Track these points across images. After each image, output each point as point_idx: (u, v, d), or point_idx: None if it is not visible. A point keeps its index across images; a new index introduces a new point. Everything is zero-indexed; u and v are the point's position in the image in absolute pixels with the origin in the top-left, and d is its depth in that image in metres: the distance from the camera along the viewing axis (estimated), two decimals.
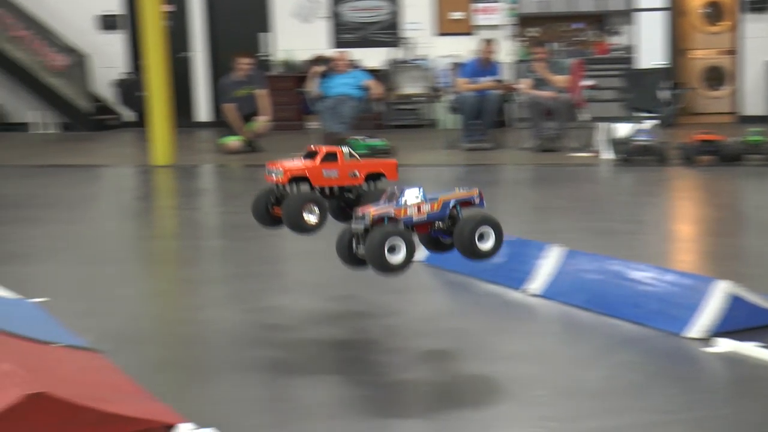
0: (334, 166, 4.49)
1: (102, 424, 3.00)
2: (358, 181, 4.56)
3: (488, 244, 4.07)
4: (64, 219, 8.11)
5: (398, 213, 4.02)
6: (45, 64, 16.11)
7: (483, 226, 4.05)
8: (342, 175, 4.52)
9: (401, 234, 3.94)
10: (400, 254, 3.93)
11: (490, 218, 4.07)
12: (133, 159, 12.44)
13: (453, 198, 4.13)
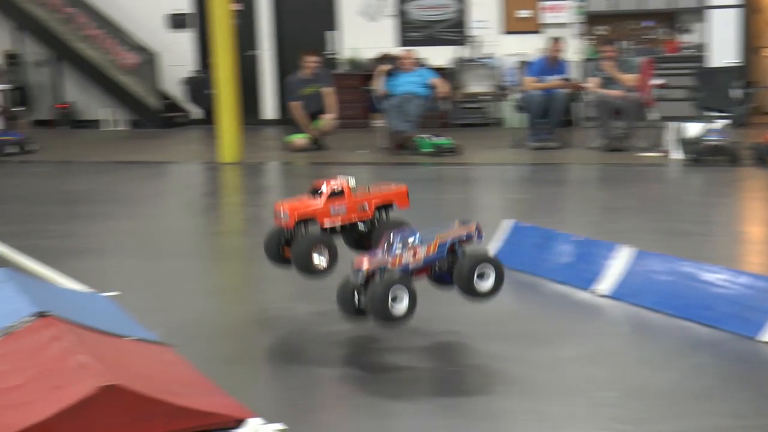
0: (341, 202, 4.44)
1: (173, 417, 3.03)
2: (368, 214, 4.50)
3: (488, 283, 4.03)
4: (133, 215, 8.24)
5: (393, 263, 3.93)
6: (116, 63, 16.38)
7: (482, 265, 4.00)
8: (350, 210, 4.46)
9: (403, 283, 3.87)
10: (403, 303, 3.87)
11: (489, 257, 4.03)
12: (200, 156, 12.58)
13: (449, 238, 4.04)
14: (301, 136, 12.37)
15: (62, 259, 6.05)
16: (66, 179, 11.15)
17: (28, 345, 3.52)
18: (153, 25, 16.47)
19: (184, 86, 16.31)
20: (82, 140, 15.00)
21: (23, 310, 3.85)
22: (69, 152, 13.18)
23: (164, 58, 16.36)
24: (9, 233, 6.78)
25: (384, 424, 3.38)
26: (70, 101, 17.06)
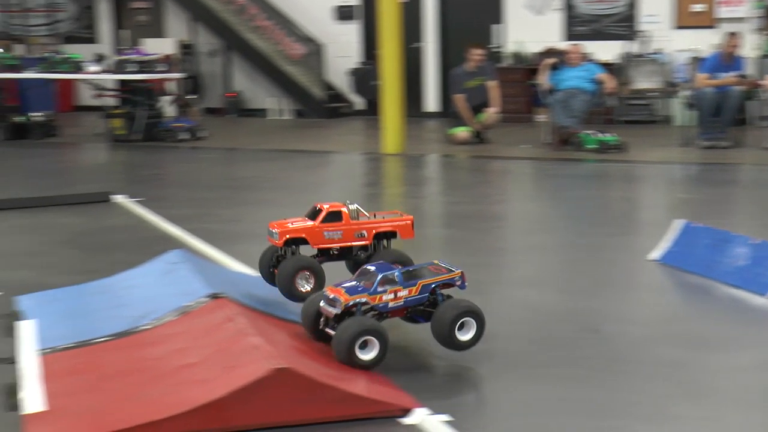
0: (337, 226, 4.17)
1: (342, 403, 3.06)
2: (366, 241, 4.21)
3: (468, 335, 3.71)
4: (298, 202, 8.37)
5: (372, 300, 3.67)
6: (284, 53, 16.74)
7: (465, 317, 3.71)
8: (347, 235, 4.18)
9: (375, 332, 3.55)
10: (372, 353, 3.54)
11: (472, 308, 3.72)
12: (363, 146, 12.71)
13: (433, 281, 3.79)
14: (464, 129, 12.34)
15: (231, 242, 6.21)
16: (233, 166, 11.47)
17: (204, 325, 3.62)
18: (321, 16, 16.76)
19: (349, 77, 16.52)
20: (249, 128, 15.40)
21: (198, 291, 3.97)
22: (236, 140, 13.55)
23: (330, 50, 16.62)
24: (182, 216, 7.01)
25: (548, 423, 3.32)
26: (238, 90, 17.56)
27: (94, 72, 13.32)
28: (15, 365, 3.67)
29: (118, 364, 3.53)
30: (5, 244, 6.43)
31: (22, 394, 3.32)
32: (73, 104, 18.33)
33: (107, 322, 4.03)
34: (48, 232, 6.77)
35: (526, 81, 14.18)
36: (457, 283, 3.82)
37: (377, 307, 3.68)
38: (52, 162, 11.75)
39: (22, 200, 7.89)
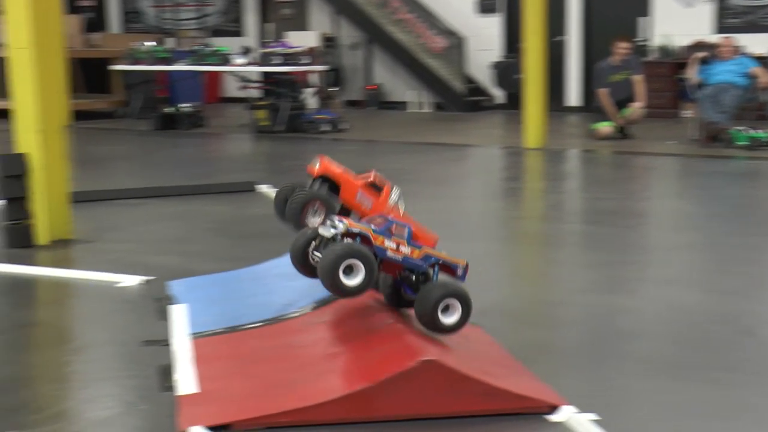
0: (372, 196, 3.94)
1: (487, 397, 3.03)
2: None
3: (452, 318, 3.45)
4: (437, 195, 8.39)
5: (375, 239, 3.46)
6: (425, 46, 16.77)
7: (451, 299, 3.45)
8: (375, 210, 3.93)
9: (363, 256, 3.34)
10: (357, 278, 3.33)
11: (461, 291, 3.48)
12: (503, 140, 12.61)
13: (436, 255, 3.58)
14: (607, 124, 12.10)
15: None
16: (373, 158, 11.55)
17: (348, 315, 3.65)
18: (463, 9, 16.72)
19: (490, 71, 16.43)
20: (389, 121, 15.49)
21: None
22: (376, 132, 13.65)
23: (471, 43, 16.56)
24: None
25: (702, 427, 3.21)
26: (378, 83, 17.69)
27: (241, 64, 13.64)
28: (169, 348, 3.78)
29: (265, 351, 3.59)
30: (156, 231, 6.64)
31: (176, 376, 3.42)
32: (219, 96, 18.84)
33: (255, 309, 4.12)
34: (196, 220, 6.97)
35: (673, 75, 13.82)
36: (459, 272, 3.63)
37: (375, 249, 3.46)
38: (199, 151, 12.10)
39: (171, 188, 8.15)
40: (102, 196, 7.61)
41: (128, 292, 4.80)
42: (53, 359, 3.96)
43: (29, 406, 3.34)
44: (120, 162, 11.04)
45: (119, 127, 14.26)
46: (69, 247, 5.90)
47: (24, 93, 5.78)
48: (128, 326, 4.24)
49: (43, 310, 4.85)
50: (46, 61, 5.81)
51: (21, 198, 5.80)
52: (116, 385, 3.49)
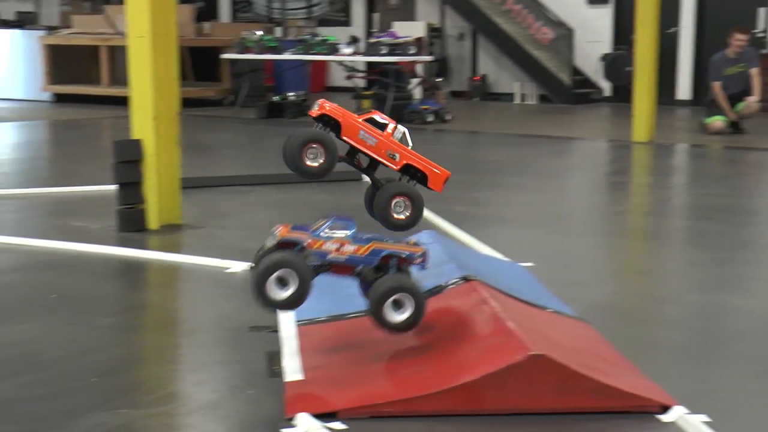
0: (376, 134, 3.63)
1: (597, 394, 2.98)
2: (395, 165, 3.68)
3: (401, 315, 3.31)
4: (542, 188, 8.30)
5: (312, 244, 3.30)
6: (532, 37, 16.60)
7: (401, 294, 3.30)
8: (378, 147, 3.63)
9: (296, 267, 3.23)
10: (287, 291, 3.24)
11: (411, 286, 3.30)
12: (610, 133, 12.41)
13: (387, 248, 3.39)
14: (719, 118, 11.79)
15: (477, 225, 6.22)
16: (477, 149, 11.50)
17: (456, 306, 3.63)
18: (573, 0, 16.47)
19: (599, 63, 16.17)
20: (493, 112, 15.39)
21: (450, 272, 3.98)
22: (481, 123, 13.58)
23: (580, 34, 16.31)
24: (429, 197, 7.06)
25: None
26: (483, 74, 17.58)
27: (348, 54, 13.72)
28: (275, 334, 3.82)
29: (371, 340, 3.60)
30: (262, 218, 6.73)
31: (282, 362, 3.46)
32: (325, 85, 18.99)
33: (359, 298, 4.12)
34: (302, 208, 7.04)
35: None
36: (417, 260, 3.42)
37: (315, 254, 3.33)
38: None
39: (277, 176, 8.24)
40: (209, 182, 7.74)
41: (236, 278, 4.87)
42: (164, 342, 4.05)
43: (141, 386, 3.42)
44: (226, 149, 11.23)
45: (226, 114, 14.50)
46: (178, 232, 6.02)
47: (141, 80, 5.92)
48: (235, 312, 4.30)
49: (153, 293, 4.96)
50: (162, 49, 5.93)
51: (134, 183, 5.94)
52: (224, 370, 3.55)
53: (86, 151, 11.04)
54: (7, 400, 3.23)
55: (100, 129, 13.49)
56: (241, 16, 20.52)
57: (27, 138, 12.61)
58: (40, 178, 8.88)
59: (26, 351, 3.73)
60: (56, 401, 3.20)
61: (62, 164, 9.94)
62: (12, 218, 6.73)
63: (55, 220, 6.53)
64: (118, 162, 5.93)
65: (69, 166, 9.59)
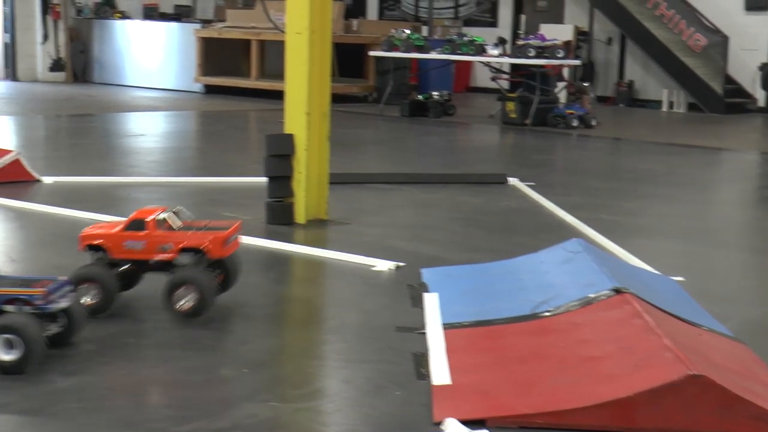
0: (140, 237, 3.93)
1: (758, 420, 2.86)
2: (170, 255, 3.93)
3: (9, 356, 3.27)
4: (694, 199, 8.06)
5: None
6: (684, 44, 16.13)
7: (8, 334, 3.27)
8: (149, 247, 3.93)
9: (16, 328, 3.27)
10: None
11: (16, 325, 3.28)
12: (764, 146, 11.97)
13: (6, 293, 3.40)
14: None
15: (628, 236, 6.08)
16: (624, 157, 11.26)
17: (607, 318, 3.56)
18: (728, 6, 15.95)
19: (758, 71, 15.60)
20: (640, 119, 15.05)
21: (601, 283, 3.90)
22: (626, 130, 13.30)
23: (735, 41, 15.78)
24: (575, 204, 6.97)
25: None
26: (630, 80, 17.21)
27: (495, 55, 13.63)
28: (422, 335, 3.82)
29: (520, 348, 3.56)
30: (406, 217, 6.75)
31: (430, 365, 3.45)
32: (468, 85, 18.94)
33: (508, 304, 4.09)
34: (446, 209, 7.02)
35: None
36: (37, 302, 3.41)
37: None
38: (447, 140, 12.21)
39: (422, 176, 8.26)
40: (354, 179, 7.80)
41: (381, 277, 4.89)
42: (311, 336, 4.10)
43: (289, 380, 3.47)
44: (369, 146, 11.32)
45: (369, 111, 14.62)
46: (325, 227, 6.09)
47: (296, 76, 6.01)
48: (382, 310, 4.32)
49: (301, 287, 5.03)
50: (317, 46, 6.01)
51: (285, 177, 6.03)
52: (371, 369, 3.56)
53: (235, 143, 11.31)
54: (165, 383, 3.32)
55: (248, 121, 13.80)
56: (388, 14, 20.66)
57: (178, 128, 13.01)
58: (190, 167, 9.14)
59: (179, 337, 3.83)
60: (210, 389, 3.28)
61: (212, 154, 10.21)
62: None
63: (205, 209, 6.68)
64: (271, 155, 6.04)
65: (218, 157, 9.84)
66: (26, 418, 3.00)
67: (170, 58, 17.90)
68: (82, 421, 2.98)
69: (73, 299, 3.57)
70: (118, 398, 3.19)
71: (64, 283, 3.56)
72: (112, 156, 9.76)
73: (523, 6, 18.96)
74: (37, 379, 3.26)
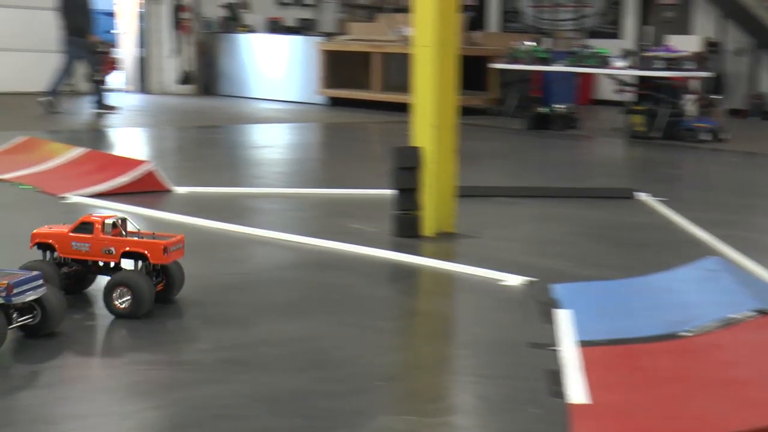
0: (87, 238, 4.23)
1: None
2: (113, 258, 4.23)
3: None
4: None
5: None
6: None
7: None
8: (94, 249, 4.24)
9: None
10: None
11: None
12: None
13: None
14: None
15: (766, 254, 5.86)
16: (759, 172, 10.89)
17: (754, 340, 3.43)
18: None
19: None
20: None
21: (744, 303, 3.77)
22: (759, 144, 12.86)
23: None
24: (709, 221, 6.76)
25: None
26: (763, 92, 16.68)
27: (620, 67, 13.39)
28: (555, 352, 3.75)
29: (659, 368, 3.46)
30: (533, 231, 6.67)
31: (565, 383, 3.38)
32: (592, 98, 18.66)
33: (644, 322, 3.99)
34: (573, 223, 6.91)
35: None
36: (2, 294, 3.64)
37: None
38: (571, 153, 12.04)
39: (547, 189, 8.16)
40: (478, 192, 7.76)
41: (511, 292, 4.84)
42: (442, 351, 4.08)
43: (424, 395, 3.45)
44: (492, 159, 11.24)
45: (492, 124, 14.54)
46: (452, 240, 6.06)
47: (423, 89, 6.01)
48: (512, 326, 4.27)
49: (429, 301, 5.02)
50: (444, 58, 6.00)
51: (412, 189, 6.04)
52: (505, 385, 3.51)
53: (358, 155, 11.40)
54: (301, 393, 3.35)
55: (371, 133, 13.90)
56: (509, 26, 20.54)
57: (302, 139, 13.19)
58: (315, 179, 9.25)
59: (313, 348, 3.86)
60: (345, 400, 3.29)
61: (336, 166, 10.31)
62: (291, 217, 7.03)
63: (331, 221, 6.76)
64: (398, 168, 6.05)
65: (342, 169, 9.93)
66: None
67: (293, 70, 18.19)
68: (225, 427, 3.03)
69: (42, 292, 3.79)
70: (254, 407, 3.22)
71: (34, 277, 3.78)
72: (240, 167, 9.96)
73: (649, 17, 18.59)
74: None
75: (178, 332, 4.12)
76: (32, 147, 8.87)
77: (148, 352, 3.78)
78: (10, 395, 3.28)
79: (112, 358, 3.79)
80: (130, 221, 4.39)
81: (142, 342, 3.94)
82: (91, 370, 3.61)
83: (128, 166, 7.59)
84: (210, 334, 4.01)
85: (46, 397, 3.27)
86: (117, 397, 3.32)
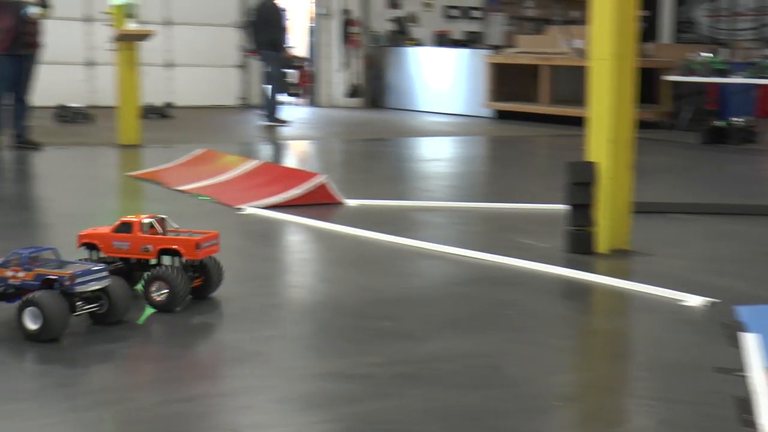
0: (127, 237, 4.50)
1: None
2: (151, 255, 4.51)
3: (35, 324, 3.86)
4: None
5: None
6: None
7: (32, 307, 3.85)
8: (133, 247, 4.51)
9: None
10: None
11: (38, 299, 3.84)
12: None
13: (48, 273, 3.97)
14: None
15: None
16: None
17: None
18: None
19: None
20: None
21: None
22: None
23: None
24: None
25: None
26: None
27: None
28: (743, 378, 3.57)
29: None
30: (712, 249, 6.41)
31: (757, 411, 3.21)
32: None
33: None
34: (752, 242, 6.61)
35: None
36: (66, 283, 3.92)
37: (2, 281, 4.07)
38: (749, 169, 11.54)
39: (722, 206, 7.83)
40: (653, 208, 7.52)
41: (692, 313, 4.65)
42: (621, 372, 3.95)
43: (603, 417, 3.35)
44: (664, 174, 10.90)
45: (665, 138, 14.11)
46: (627, 258, 5.89)
47: (600, 103, 5.88)
48: (695, 349, 4.10)
49: (605, 319, 4.88)
50: (622, 72, 5.86)
51: (586, 205, 5.90)
52: (689, 410, 3.36)
53: (527, 168, 11.27)
54: (475, 410, 3.30)
55: (539, 147, 13.74)
56: (683, 37, 19.93)
57: (470, 152, 13.16)
58: (484, 192, 9.19)
59: (487, 364, 3.81)
60: (521, 420, 3.22)
61: (504, 180, 10.22)
62: (460, 231, 7.00)
63: (502, 236, 6.68)
64: (572, 183, 5.93)
65: (511, 183, 9.83)
66: None
67: (460, 83, 18.20)
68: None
69: (107, 283, 4.06)
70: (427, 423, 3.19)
71: (99, 268, 4.08)
72: (408, 180, 10.01)
73: None
74: None
75: (350, 345, 4.14)
76: (210, 159, 9.18)
77: (320, 363, 3.82)
78: (189, 402, 3.37)
79: (285, 368, 3.83)
80: (168, 221, 4.62)
81: (314, 352, 3.98)
82: (267, 380, 3.67)
83: (301, 179, 7.73)
84: (383, 347, 4.02)
85: (225, 405, 3.34)
86: (294, 408, 3.36)
